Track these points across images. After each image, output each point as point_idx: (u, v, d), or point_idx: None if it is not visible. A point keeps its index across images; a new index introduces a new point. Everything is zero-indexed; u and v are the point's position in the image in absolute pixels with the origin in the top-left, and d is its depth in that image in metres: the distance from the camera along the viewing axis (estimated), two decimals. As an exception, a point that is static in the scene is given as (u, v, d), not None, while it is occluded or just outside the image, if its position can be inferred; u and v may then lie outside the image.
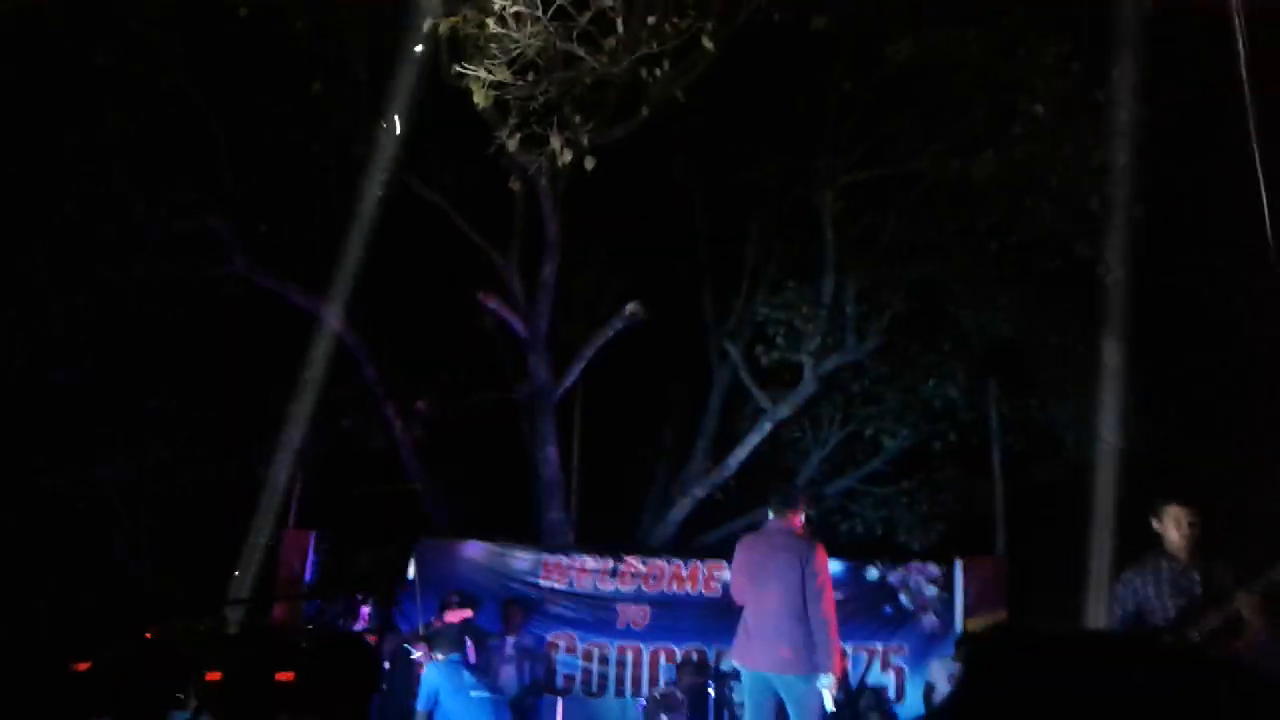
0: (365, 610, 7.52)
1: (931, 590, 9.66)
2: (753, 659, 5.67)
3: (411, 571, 7.20)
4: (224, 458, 9.83)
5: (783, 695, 5.59)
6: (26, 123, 7.99)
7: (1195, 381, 11.49)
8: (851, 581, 9.49)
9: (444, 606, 7.93)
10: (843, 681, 7.02)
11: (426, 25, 6.69)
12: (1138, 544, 5.28)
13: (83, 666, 4.02)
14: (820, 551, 5.67)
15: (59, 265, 8.48)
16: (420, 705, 7.54)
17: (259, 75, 8.39)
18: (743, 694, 5.94)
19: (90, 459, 9.34)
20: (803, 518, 5.94)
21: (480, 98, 6.79)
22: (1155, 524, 5.17)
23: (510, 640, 8.43)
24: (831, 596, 5.60)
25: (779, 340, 10.17)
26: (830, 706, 5.55)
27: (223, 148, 8.91)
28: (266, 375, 9.29)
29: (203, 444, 9.77)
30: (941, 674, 8.70)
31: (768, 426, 10.46)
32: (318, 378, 8.77)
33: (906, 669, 9.46)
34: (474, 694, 7.57)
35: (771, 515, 5.94)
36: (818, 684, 5.47)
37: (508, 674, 8.21)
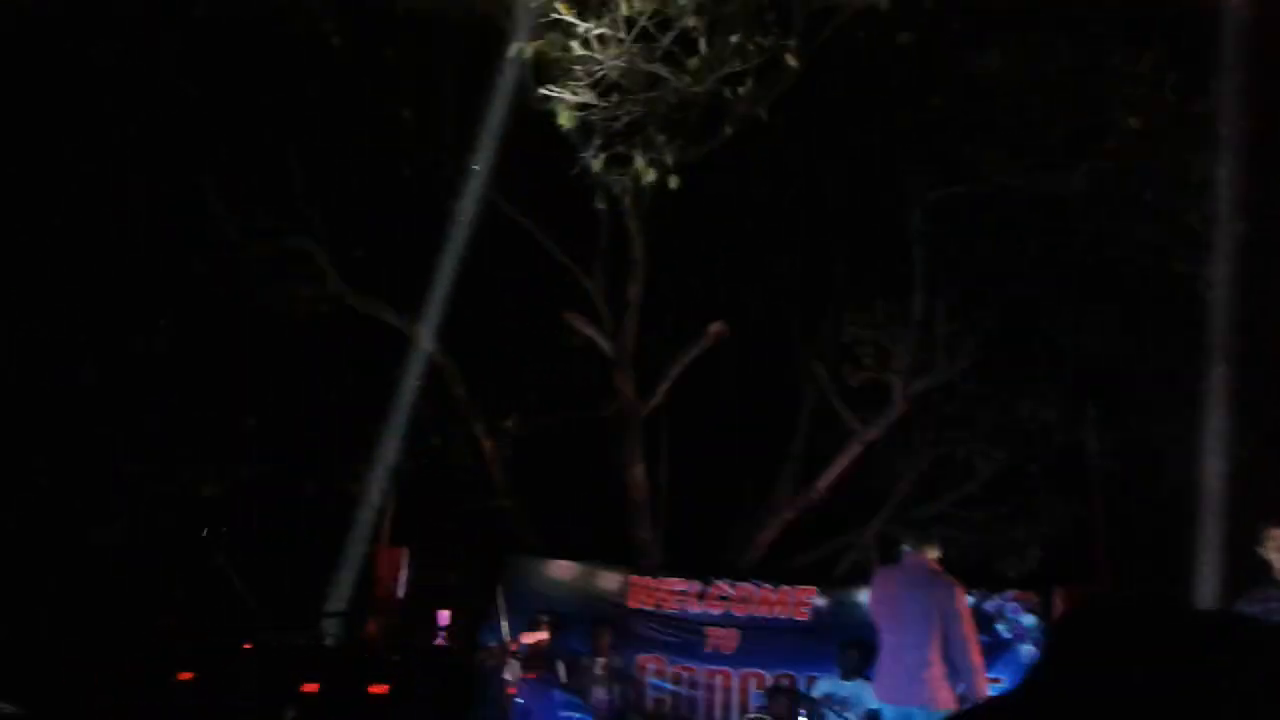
0: (449, 626, 7.57)
1: (1030, 619, 9.31)
2: (890, 694, 5.76)
3: (499, 590, 7.23)
4: (318, 475, 10.03)
5: None
6: (120, 144, 8.32)
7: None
8: (946, 608, 9.25)
9: (533, 626, 7.95)
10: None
11: (513, 50, 6.80)
12: (1244, 571, 5.10)
13: (186, 676, 4.11)
14: (960, 591, 5.79)
15: (158, 286, 8.79)
16: (512, 726, 7.54)
17: (350, 100, 8.62)
18: None
19: (188, 473, 9.62)
20: (938, 554, 6.03)
21: (565, 119, 6.87)
22: (1261, 551, 4.99)
23: (600, 661, 8.40)
24: (974, 636, 5.70)
25: (867, 360, 10.01)
26: None
27: (314, 173, 9.17)
28: (360, 394, 9.48)
29: (298, 461, 9.99)
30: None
31: (856, 448, 10.30)
32: (409, 397, 8.90)
33: (1004, 699, 9.16)
34: (563, 715, 7.56)
35: (908, 550, 6.07)
36: None
37: (599, 696, 8.18)
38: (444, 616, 6.98)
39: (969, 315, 9.93)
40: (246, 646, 4.58)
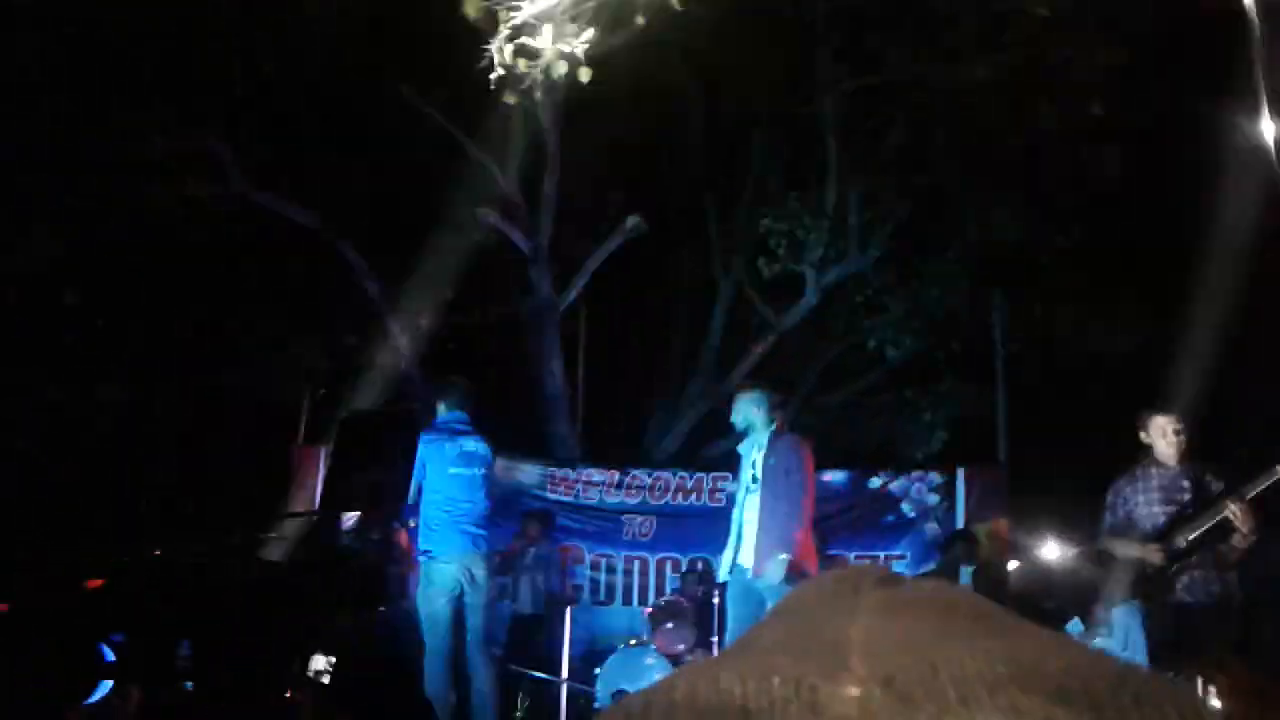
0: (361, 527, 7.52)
1: (934, 498, 9.72)
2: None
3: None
4: (229, 378, 9.88)
5: None
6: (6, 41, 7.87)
7: (1193, 287, 11.45)
8: (853, 491, 9.60)
9: None
10: None
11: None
12: (1134, 449, 5.34)
13: (95, 584, 4.15)
14: None
15: (56, 190, 8.42)
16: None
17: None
18: None
19: (95, 379, 9.39)
20: None
21: (471, 8, 6.66)
22: (1142, 434, 5.24)
23: (531, 551, 8.51)
24: None
25: (781, 252, 10.13)
26: None
27: (213, 69, 8.78)
28: (270, 295, 9.30)
29: (207, 364, 9.82)
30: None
31: (771, 339, 10.49)
32: (321, 295, 8.75)
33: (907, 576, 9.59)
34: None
35: None
36: None
37: (525, 585, 8.33)
38: (353, 518, 6.95)
39: (880, 206, 10.06)
40: (156, 553, 4.63)
